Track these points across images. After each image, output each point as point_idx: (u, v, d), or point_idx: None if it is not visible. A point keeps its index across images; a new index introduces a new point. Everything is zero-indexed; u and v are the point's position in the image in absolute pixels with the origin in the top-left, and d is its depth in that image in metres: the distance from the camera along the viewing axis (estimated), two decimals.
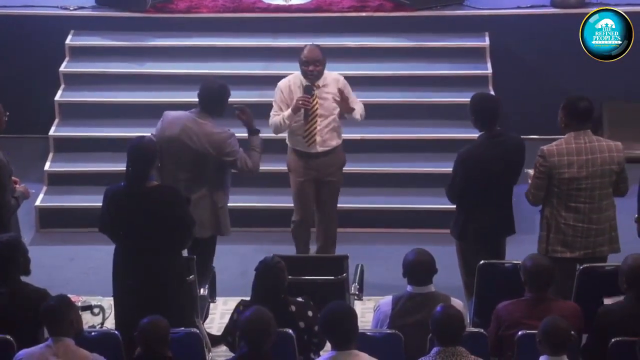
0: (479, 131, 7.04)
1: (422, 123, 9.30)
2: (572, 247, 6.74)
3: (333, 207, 7.91)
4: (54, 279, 7.68)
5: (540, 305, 5.92)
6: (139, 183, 6.47)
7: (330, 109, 7.76)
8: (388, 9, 9.83)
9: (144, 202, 6.44)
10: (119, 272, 6.59)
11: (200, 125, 7.11)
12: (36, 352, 5.62)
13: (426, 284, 6.01)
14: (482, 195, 6.93)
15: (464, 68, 9.56)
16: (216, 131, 7.14)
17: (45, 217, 8.83)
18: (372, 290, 7.36)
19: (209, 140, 7.07)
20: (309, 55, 7.71)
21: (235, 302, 6.35)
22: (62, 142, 9.29)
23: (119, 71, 9.58)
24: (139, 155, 6.50)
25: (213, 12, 9.86)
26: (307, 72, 7.70)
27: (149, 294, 6.43)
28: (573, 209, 6.72)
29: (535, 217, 7.14)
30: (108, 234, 6.63)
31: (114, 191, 6.59)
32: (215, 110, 7.20)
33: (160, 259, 6.47)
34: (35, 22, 9.79)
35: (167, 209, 6.44)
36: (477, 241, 7.00)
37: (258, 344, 5.47)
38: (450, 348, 5.45)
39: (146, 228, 6.43)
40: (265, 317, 5.52)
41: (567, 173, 6.69)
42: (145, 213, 6.43)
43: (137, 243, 6.47)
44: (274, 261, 6.16)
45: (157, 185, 6.58)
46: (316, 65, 7.69)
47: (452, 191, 7.05)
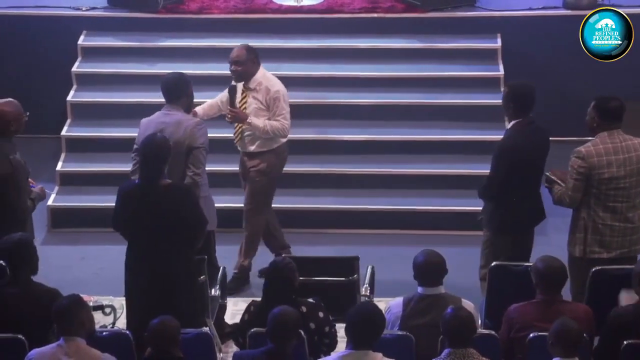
0: (514, 119, 6.99)
1: (433, 124, 9.29)
2: (610, 248, 6.74)
3: (248, 208, 7.88)
4: (66, 278, 7.69)
5: (552, 307, 5.91)
6: (153, 181, 6.47)
7: (254, 114, 7.73)
8: (399, 10, 9.82)
9: (156, 200, 6.44)
10: (131, 271, 6.59)
11: (170, 117, 7.18)
12: (48, 351, 5.63)
13: (436, 285, 6.01)
14: (522, 183, 6.91)
15: (476, 69, 9.55)
16: (185, 118, 7.21)
17: (57, 217, 8.85)
18: (383, 292, 7.36)
19: (178, 127, 7.09)
20: (231, 55, 7.78)
21: (246, 303, 6.36)
22: (74, 142, 9.31)
23: (131, 71, 9.60)
24: (152, 153, 6.51)
25: (224, 13, 9.87)
26: (231, 70, 7.78)
27: (160, 293, 6.43)
28: (610, 209, 6.71)
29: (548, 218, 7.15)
30: (121, 231, 6.63)
31: (128, 189, 6.60)
32: (178, 98, 7.24)
33: (172, 258, 6.47)
34: (47, 22, 9.81)
35: (180, 208, 6.44)
36: (517, 231, 6.97)
37: (283, 342, 5.52)
38: (461, 350, 5.45)
39: (158, 226, 6.43)
40: (293, 316, 5.58)
41: (607, 173, 6.68)
42: (157, 211, 6.43)
43: (149, 241, 6.47)
44: (285, 262, 6.17)
45: (170, 183, 6.58)
46: (237, 65, 7.72)
47: (493, 185, 6.96)
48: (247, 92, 7.79)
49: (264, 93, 7.76)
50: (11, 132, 6.92)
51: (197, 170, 7.08)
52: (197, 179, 7.07)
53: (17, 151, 6.92)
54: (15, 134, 6.95)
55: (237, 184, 8.29)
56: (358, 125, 9.28)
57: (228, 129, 8.11)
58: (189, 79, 7.40)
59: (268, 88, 7.77)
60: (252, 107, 7.76)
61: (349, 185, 8.99)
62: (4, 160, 6.81)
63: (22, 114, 6.97)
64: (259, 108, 7.75)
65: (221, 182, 8.39)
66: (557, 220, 7.51)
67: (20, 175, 6.88)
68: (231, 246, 8.12)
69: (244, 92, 7.80)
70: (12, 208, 6.84)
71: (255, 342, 5.91)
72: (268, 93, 7.76)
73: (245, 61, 7.73)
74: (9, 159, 6.83)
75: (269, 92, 7.76)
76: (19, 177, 6.87)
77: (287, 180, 8.86)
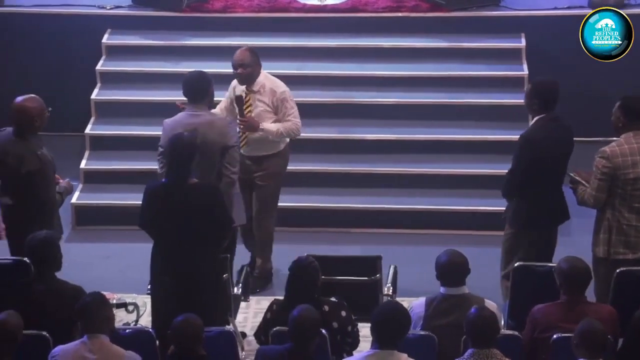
0: (535, 114, 6.97)
1: (456, 124, 9.26)
2: (635, 249, 6.70)
3: (260, 212, 7.82)
4: (89, 276, 7.71)
5: (576, 308, 5.89)
6: (180, 180, 6.48)
7: (260, 118, 7.68)
8: (424, 9, 9.80)
9: (183, 199, 6.44)
10: (157, 270, 6.60)
11: (198, 117, 7.11)
12: (71, 348, 5.65)
13: (459, 285, 5.99)
14: (544, 179, 6.88)
15: (500, 69, 9.52)
16: (216, 118, 7.18)
17: (81, 215, 8.89)
18: (405, 292, 7.35)
19: (211, 127, 7.05)
20: (236, 57, 7.70)
21: (268, 302, 6.37)
22: (98, 140, 9.34)
23: (155, 70, 9.62)
24: (179, 152, 6.51)
25: (248, 12, 9.88)
26: (236, 74, 7.70)
27: (186, 292, 6.43)
28: (636, 210, 6.68)
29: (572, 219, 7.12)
30: (147, 230, 6.64)
31: (155, 188, 6.61)
32: (202, 97, 7.18)
33: (198, 257, 6.48)
34: (72, 21, 9.84)
35: (207, 207, 6.44)
36: (541, 228, 6.95)
37: (304, 342, 5.53)
38: (485, 350, 5.44)
39: (185, 225, 6.44)
40: (314, 316, 5.58)
41: (632, 173, 6.65)
42: (184, 210, 6.43)
43: (176, 240, 6.47)
44: (308, 261, 6.17)
45: (198, 182, 6.58)
46: (244, 68, 7.64)
47: (515, 180, 6.93)
48: (251, 94, 7.71)
49: (269, 95, 7.70)
50: (36, 127, 6.96)
51: (234, 169, 7.06)
52: (234, 178, 7.06)
53: (43, 146, 6.96)
54: (39, 129, 6.99)
55: None
56: (381, 124, 9.27)
57: None
58: (210, 77, 7.37)
59: (273, 90, 7.71)
60: (257, 110, 7.69)
61: (372, 185, 8.98)
62: (32, 156, 6.86)
63: (45, 109, 7.01)
64: (265, 110, 7.70)
65: None
66: (581, 221, 7.48)
67: (48, 170, 6.93)
68: None
69: (247, 96, 7.71)
70: (41, 203, 6.89)
71: (277, 340, 5.91)
72: (274, 95, 7.71)
73: (250, 63, 7.66)
74: (36, 154, 6.87)
75: (275, 94, 7.71)
76: (47, 172, 6.92)
77: (311, 180, 8.88)
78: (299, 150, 8.95)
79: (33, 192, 6.84)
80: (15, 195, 6.68)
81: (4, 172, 6.89)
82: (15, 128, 6.96)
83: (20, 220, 6.60)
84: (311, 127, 8.98)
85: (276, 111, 7.74)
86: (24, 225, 6.56)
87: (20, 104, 6.95)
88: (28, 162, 6.85)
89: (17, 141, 6.91)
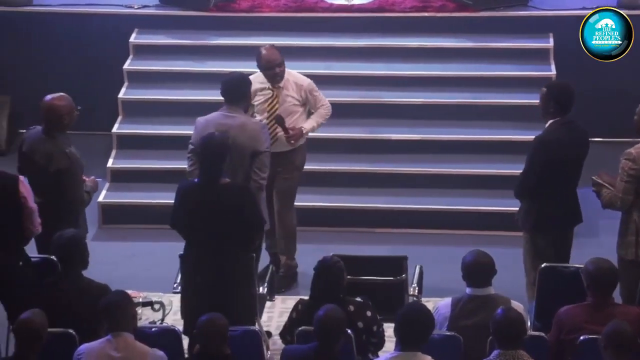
0: (550, 118, 6.94)
1: (483, 124, 9.23)
2: None
3: (283, 206, 7.81)
4: (115, 274, 7.74)
5: (603, 310, 5.85)
6: (213, 180, 6.47)
7: (288, 112, 7.67)
8: (450, 9, 9.77)
9: (216, 199, 6.44)
10: (188, 269, 6.59)
11: (232, 119, 7.10)
12: (97, 346, 5.67)
13: (485, 286, 5.97)
14: (557, 182, 6.85)
15: (528, 69, 9.48)
16: (250, 121, 7.16)
17: (107, 213, 8.92)
18: (431, 292, 7.33)
19: (243, 130, 7.03)
20: (271, 57, 7.62)
21: (293, 301, 6.37)
22: (125, 139, 9.37)
23: (182, 69, 9.64)
24: (212, 152, 6.50)
25: (275, 12, 9.88)
26: (273, 74, 7.62)
27: (217, 291, 6.42)
28: None
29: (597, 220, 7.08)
30: (178, 229, 6.63)
31: (187, 187, 6.60)
32: (240, 100, 7.17)
33: (231, 257, 6.47)
34: (100, 20, 9.88)
35: (239, 207, 6.44)
36: (551, 231, 6.92)
37: (330, 341, 5.53)
38: (511, 351, 5.41)
39: (218, 225, 6.43)
40: (339, 316, 5.57)
41: None
42: (217, 210, 6.42)
43: (208, 240, 6.46)
44: (333, 261, 6.17)
45: (230, 182, 6.58)
46: (280, 66, 7.63)
47: (527, 182, 6.91)
48: (276, 91, 7.69)
49: (294, 88, 7.70)
50: (65, 125, 6.99)
51: (263, 174, 7.05)
52: (263, 183, 7.05)
53: (71, 144, 6.99)
54: (68, 127, 7.02)
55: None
56: (408, 124, 9.25)
57: None
58: (250, 80, 7.36)
59: (298, 83, 7.72)
60: (284, 106, 7.68)
61: (398, 185, 8.96)
62: (60, 154, 6.90)
63: (74, 108, 7.04)
64: (293, 104, 7.70)
65: None
66: (608, 223, 7.43)
67: (76, 168, 6.96)
68: None
69: (274, 92, 7.69)
70: (69, 201, 6.92)
71: (303, 340, 5.91)
72: (301, 88, 7.72)
73: (283, 60, 7.68)
74: (65, 152, 6.91)
75: (301, 87, 7.72)
76: (75, 170, 6.95)
77: (337, 179, 8.87)
78: (326, 149, 8.96)
79: (61, 190, 6.87)
80: (43, 194, 6.72)
81: (32, 170, 6.92)
82: (44, 126, 6.99)
83: (48, 218, 6.63)
84: (337, 127, 8.97)
85: (304, 103, 7.74)
86: (51, 224, 6.59)
87: (49, 102, 6.99)
88: (57, 160, 6.88)
89: (46, 139, 6.95)
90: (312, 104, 7.78)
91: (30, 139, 7.03)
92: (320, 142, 8.81)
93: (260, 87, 7.72)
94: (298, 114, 7.73)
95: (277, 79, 7.66)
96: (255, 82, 7.71)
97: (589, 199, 7.16)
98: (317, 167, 8.73)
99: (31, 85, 9.60)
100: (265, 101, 7.71)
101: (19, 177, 6.63)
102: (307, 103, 7.79)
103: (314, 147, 8.44)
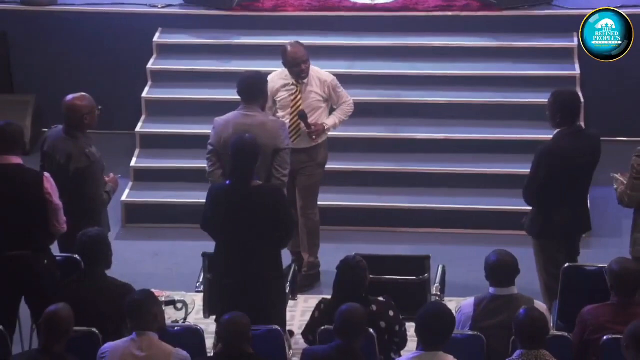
0: (557, 127, 6.92)
1: (508, 124, 9.20)
2: None
3: (306, 203, 7.79)
4: (138, 273, 7.76)
5: (627, 310, 5.81)
6: (244, 182, 6.47)
7: (311, 108, 7.66)
8: (474, 8, 9.74)
9: (247, 201, 6.43)
10: (219, 271, 6.57)
11: (251, 118, 7.10)
12: (120, 345, 5.68)
13: (509, 286, 5.95)
14: (563, 191, 6.83)
15: (552, 69, 9.44)
16: (269, 120, 7.15)
17: (130, 212, 8.94)
18: (454, 291, 7.31)
19: (264, 129, 7.02)
20: (299, 54, 7.60)
21: (316, 300, 6.36)
22: (148, 138, 9.39)
23: (206, 69, 9.66)
24: (242, 153, 6.49)
25: (299, 11, 9.88)
26: (299, 70, 7.60)
27: (249, 292, 6.42)
28: None
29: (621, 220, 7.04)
30: (209, 231, 6.62)
31: (218, 189, 6.60)
32: (257, 98, 7.16)
33: (263, 258, 6.47)
34: (123, 19, 9.91)
35: (271, 208, 6.44)
36: (557, 238, 6.90)
37: (351, 338, 5.52)
38: (534, 351, 5.40)
39: (250, 227, 6.42)
40: (360, 312, 5.58)
41: None
42: (248, 212, 6.42)
43: (240, 241, 6.45)
44: (356, 260, 6.16)
45: (261, 184, 6.57)
46: (306, 63, 7.62)
47: (532, 188, 6.91)
48: (300, 87, 7.68)
49: (318, 84, 7.70)
50: (85, 125, 7.00)
51: (284, 171, 7.05)
52: (284, 180, 7.05)
53: (92, 145, 7.00)
54: (89, 127, 7.03)
55: None
56: (432, 124, 9.23)
57: None
58: (266, 78, 7.37)
59: (321, 79, 7.72)
60: (308, 102, 7.68)
61: (422, 184, 8.94)
62: (80, 154, 6.91)
63: (95, 107, 7.05)
64: (317, 100, 7.70)
65: None
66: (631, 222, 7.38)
67: (96, 168, 6.97)
68: None
69: (297, 88, 7.68)
70: (89, 200, 6.93)
71: (325, 339, 5.90)
72: (324, 83, 7.72)
73: (308, 58, 7.68)
74: (85, 152, 6.92)
75: (325, 82, 7.73)
76: (95, 170, 6.96)
77: (360, 179, 8.86)
78: (348, 149, 8.95)
79: (81, 190, 6.88)
80: (64, 193, 6.74)
81: (53, 169, 6.94)
82: (66, 126, 7.01)
83: (69, 218, 6.65)
84: (360, 126, 8.97)
85: (327, 99, 7.74)
86: (72, 223, 6.61)
87: (70, 102, 7.00)
88: (76, 160, 6.90)
89: (67, 139, 6.96)
90: (335, 101, 7.79)
91: (52, 138, 7.05)
92: (343, 141, 8.80)
93: (283, 83, 7.72)
94: (321, 110, 7.74)
95: (303, 75, 7.66)
96: (278, 79, 7.72)
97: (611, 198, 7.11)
98: (339, 166, 8.72)
99: (55, 84, 9.64)
100: (289, 97, 7.71)
101: (44, 173, 6.64)
102: (330, 99, 7.79)
103: (336, 146, 8.44)
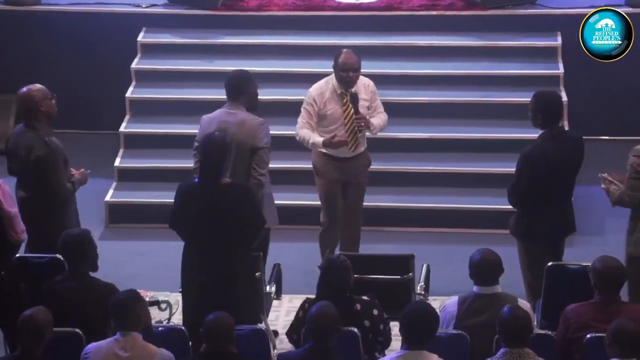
0: (540, 129, 6.95)
1: (492, 123, 9.22)
2: None
3: (360, 208, 7.81)
4: (122, 274, 7.74)
5: (610, 308, 5.83)
6: (212, 180, 6.48)
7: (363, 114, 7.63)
8: (459, 7, 9.76)
9: (215, 199, 6.44)
10: (188, 269, 6.60)
11: (233, 116, 7.11)
12: (104, 346, 5.67)
13: (492, 284, 5.96)
14: (547, 194, 6.85)
15: (536, 68, 9.46)
16: (249, 118, 7.14)
17: (114, 213, 8.92)
18: (438, 290, 7.32)
19: (242, 127, 7.03)
20: (351, 61, 7.54)
21: (300, 300, 6.36)
22: (132, 138, 9.37)
23: (190, 68, 9.65)
24: (211, 151, 6.51)
25: (283, 11, 9.88)
26: (347, 78, 7.54)
27: (218, 291, 6.43)
28: None
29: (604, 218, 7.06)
30: (178, 230, 6.64)
31: (187, 188, 6.61)
32: (240, 96, 7.14)
33: (230, 256, 6.47)
34: (107, 19, 9.89)
35: (239, 206, 6.44)
36: (542, 240, 6.92)
37: (323, 338, 5.51)
38: (517, 350, 5.41)
39: (217, 225, 6.43)
40: (331, 312, 5.57)
41: None
42: (217, 210, 6.42)
43: (207, 239, 6.46)
44: (340, 259, 6.16)
45: (230, 182, 6.58)
46: (356, 72, 7.55)
47: (516, 191, 6.95)
48: (348, 96, 7.56)
49: (363, 90, 7.64)
50: (42, 113, 6.99)
51: (262, 170, 7.04)
52: (262, 179, 7.04)
53: (53, 135, 6.99)
54: (48, 115, 7.01)
55: (298, 180, 8.29)
56: (416, 123, 9.24)
57: (291, 126, 7.97)
58: (251, 77, 7.35)
59: (364, 84, 7.68)
60: (361, 108, 7.60)
61: (406, 183, 8.95)
62: (40, 143, 6.91)
63: (49, 94, 7.05)
64: (365, 107, 7.64)
65: (285, 179, 8.46)
66: (614, 221, 7.42)
67: (56, 156, 6.95)
68: (289, 243, 8.14)
69: (345, 97, 7.58)
70: (53, 190, 6.91)
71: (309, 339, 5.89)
72: (367, 88, 7.68)
73: (359, 68, 7.58)
74: (44, 140, 6.92)
75: (368, 87, 7.68)
76: (55, 157, 6.93)
77: None
78: None
79: (41, 176, 6.86)
80: (28, 186, 6.70)
81: (16, 164, 6.95)
82: (24, 118, 7.04)
83: (35, 213, 6.63)
84: None
85: (370, 104, 7.69)
86: (40, 217, 6.60)
87: (23, 92, 7.04)
88: (37, 148, 6.90)
89: (27, 131, 7.00)
90: (373, 107, 7.68)
91: (15, 135, 7.09)
92: None
93: (330, 96, 7.57)
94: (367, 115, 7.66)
95: (349, 83, 7.56)
96: (323, 91, 7.60)
97: (595, 196, 7.13)
98: None
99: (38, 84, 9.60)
100: (340, 108, 7.55)
101: None
102: (371, 104, 7.68)
103: None
